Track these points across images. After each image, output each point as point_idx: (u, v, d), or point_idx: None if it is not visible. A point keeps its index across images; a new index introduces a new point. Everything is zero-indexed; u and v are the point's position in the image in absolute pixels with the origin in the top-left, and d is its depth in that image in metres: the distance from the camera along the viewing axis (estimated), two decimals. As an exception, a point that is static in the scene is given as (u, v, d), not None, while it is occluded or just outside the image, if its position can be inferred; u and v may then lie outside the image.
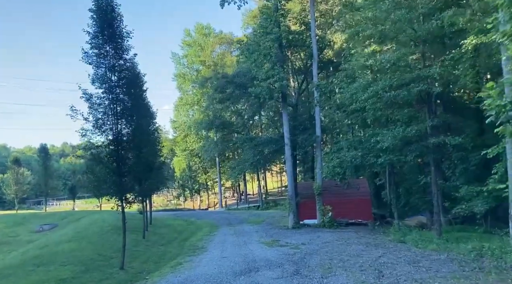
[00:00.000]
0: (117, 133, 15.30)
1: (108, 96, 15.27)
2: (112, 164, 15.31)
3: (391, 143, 17.13)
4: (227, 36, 61.41)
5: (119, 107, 15.53)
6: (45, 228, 37.24)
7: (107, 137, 15.33)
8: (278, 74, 24.23)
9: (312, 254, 14.89)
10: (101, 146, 15.34)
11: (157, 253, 18.97)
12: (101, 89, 15.15)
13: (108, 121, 15.21)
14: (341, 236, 20.23)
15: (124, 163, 15.65)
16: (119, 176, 15.19)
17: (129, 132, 16.03)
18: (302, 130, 27.48)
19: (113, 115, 15.28)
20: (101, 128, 15.22)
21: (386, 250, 15.06)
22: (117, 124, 15.40)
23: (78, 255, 16.83)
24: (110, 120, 15.22)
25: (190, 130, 63.18)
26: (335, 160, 22.16)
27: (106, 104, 15.25)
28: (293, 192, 25.77)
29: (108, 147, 15.33)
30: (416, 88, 15.67)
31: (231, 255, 15.63)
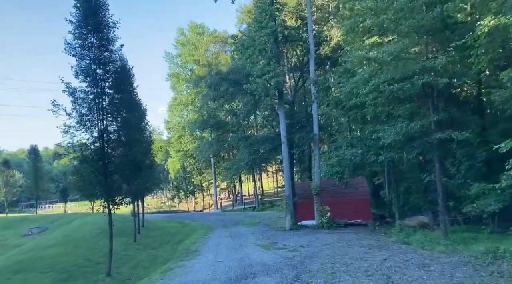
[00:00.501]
0: (102, 129, 14.30)
1: (93, 90, 14.26)
2: (98, 163, 14.29)
3: (393, 139, 16.23)
4: (221, 35, 60.50)
5: (105, 102, 14.50)
6: (34, 232, 36.08)
7: (92, 134, 14.34)
8: (274, 70, 23.32)
9: (312, 257, 13.96)
10: (86, 143, 14.31)
11: (148, 258, 17.98)
12: (85, 83, 14.12)
13: (93, 117, 14.18)
14: (341, 237, 19.34)
15: (111, 162, 14.65)
16: (105, 176, 14.18)
17: (116, 128, 15.01)
18: (299, 128, 26.56)
19: (99, 110, 14.27)
20: (86, 125, 14.19)
21: (390, 252, 14.17)
22: (103, 120, 14.38)
23: (62, 261, 15.80)
24: (95, 115, 14.19)
25: (185, 131, 62.24)
26: (334, 159, 21.27)
27: (91, 98, 14.23)
28: (290, 192, 24.84)
29: (93, 144, 14.33)
30: (421, 80, 14.78)
31: (226, 259, 14.67)
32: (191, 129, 54.17)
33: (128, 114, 18.24)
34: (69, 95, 13.91)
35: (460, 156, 18.10)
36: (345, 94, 20.23)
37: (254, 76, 24.26)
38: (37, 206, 75.37)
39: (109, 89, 14.92)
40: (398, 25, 16.54)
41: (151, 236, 26.37)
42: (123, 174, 16.11)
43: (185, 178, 64.75)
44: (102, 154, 14.28)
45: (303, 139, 25.58)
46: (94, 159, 14.34)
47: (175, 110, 66.74)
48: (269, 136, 27.85)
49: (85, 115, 14.14)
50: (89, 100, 14.23)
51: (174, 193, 69.49)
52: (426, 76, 14.91)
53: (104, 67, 14.59)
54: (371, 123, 21.33)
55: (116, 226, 29.11)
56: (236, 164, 32.94)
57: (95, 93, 14.27)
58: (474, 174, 17.69)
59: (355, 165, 23.51)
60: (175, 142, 67.55)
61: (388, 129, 16.72)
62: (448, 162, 19.94)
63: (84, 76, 14.18)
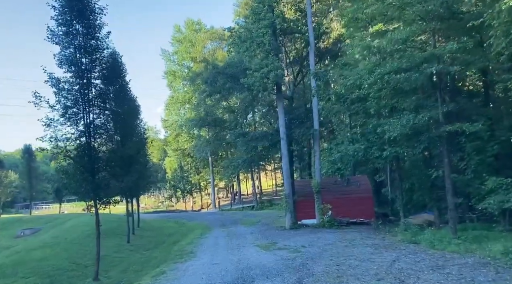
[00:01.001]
0: (89, 123, 13.28)
1: (78, 80, 13.24)
2: (83, 158, 13.29)
3: (400, 132, 15.28)
4: (218, 31, 59.42)
5: (92, 93, 13.49)
6: (26, 233, 34.95)
7: (77, 128, 13.33)
8: (272, 63, 22.37)
9: (315, 258, 13.03)
10: (71, 138, 13.30)
11: (141, 260, 16.98)
12: (70, 73, 13.11)
13: (79, 110, 13.18)
14: (343, 236, 18.42)
15: (98, 158, 13.64)
16: (92, 172, 13.18)
17: (103, 122, 14.00)
18: (299, 124, 25.64)
19: (84, 102, 13.25)
20: (71, 118, 13.19)
21: (399, 252, 13.25)
22: (89, 112, 13.38)
23: (47, 264, 14.80)
24: (81, 108, 13.19)
25: (182, 129, 61.23)
26: (336, 155, 20.31)
27: (76, 89, 13.22)
28: (290, 190, 23.89)
29: (79, 139, 13.33)
30: (430, 69, 13.83)
31: (223, 261, 13.72)
32: (188, 127, 53.13)
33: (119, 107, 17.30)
34: (52, 86, 12.91)
35: (470, 150, 17.15)
36: (347, 86, 19.28)
37: (251, 70, 23.31)
38: (32, 207, 74.14)
39: (96, 80, 13.91)
40: (404, 12, 15.62)
41: (146, 236, 25.40)
42: (112, 171, 15.09)
43: (183, 177, 63.71)
44: (89, 149, 13.30)
45: (303, 135, 24.67)
46: (79, 155, 13.37)
47: (172, 108, 65.71)
48: (267, 133, 26.89)
49: (69, 108, 13.15)
50: (74, 92, 13.24)
51: (171, 193, 68.41)
52: (436, 64, 13.94)
53: (90, 56, 13.60)
54: (374, 117, 20.42)
55: (110, 227, 28.28)
56: (234, 162, 32.01)
57: (80, 84, 13.28)
58: (485, 168, 16.74)
59: (357, 161, 22.64)
60: (172, 141, 66.56)
61: (394, 122, 15.79)
62: (456, 157, 19.04)
63: (68, 65, 13.19)
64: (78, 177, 13.27)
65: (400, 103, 18.76)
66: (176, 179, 64.12)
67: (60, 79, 13.06)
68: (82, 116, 13.28)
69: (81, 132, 13.33)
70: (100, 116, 13.99)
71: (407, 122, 15.10)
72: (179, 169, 64.22)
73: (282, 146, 23.90)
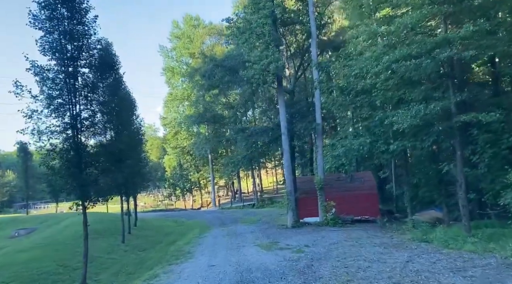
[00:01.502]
0: (75, 115, 12.29)
1: (63, 68, 12.24)
2: (69, 153, 12.30)
3: (410, 123, 14.29)
4: (217, 27, 58.29)
5: (78, 83, 12.49)
6: (21, 233, 34.02)
7: (62, 120, 12.34)
8: (273, 55, 21.37)
9: (321, 259, 12.07)
10: (56, 131, 12.31)
11: (135, 261, 16.04)
12: (54, 61, 12.11)
13: (64, 100, 12.18)
14: (349, 235, 17.46)
15: (85, 152, 12.65)
16: (79, 168, 12.20)
17: (91, 114, 13.01)
18: (300, 118, 24.68)
19: (70, 93, 12.25)
20: (56, 109, 12.19)
21: (410, 252, 12.30)
22: (76, 104, 12.38)
23: (33, 267, 13.85)
24: (67, 98, 12.19)
25: (181, 127, 60.25)
26: (340, 149, 19.33)
27: (61, 78, 12.22)
28: (292, 187, 22.92)
29: (64, 132, 12.34)
30: (442, 55, 12.82)
31: (221, 262, 12.76)
32: (188, 124, 52.11)
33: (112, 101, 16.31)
34: (34, 75, 11.94)
35: (483, 142, 16.15)
36: (352, 77, 18.31)
37: (251, 62, 22.33)
38: (31, 207, 73.21)
39: (84, 68, 12.91)
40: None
41: (142, 236, 24.46)
42: (100, 166, 14.06)
43: (182, 176, 62.71)
44: (75, 143, 12.33)
45: (305, 129, 23.70)
46: (65, 149, 12.40)
47: (170, 105, 64.68)
48: (268, 128, 25.90)
49: (54, 98, 12.17)
50: (59, 81, 12.26)
51: (170, 191, 67.44)
52: (449, 50, 12.94)
53: (77, 42, 12.61)
54: (380, 110, 19.43)
55: (106, 226, 27.35)
56: (233, 159, 31.07)
57: (65, 72, 12.30)
58: (499, 162, 15.76)
59: (362, 156, 21.67)
60: (171, 138, 65.57)
61: (403, 113, 14.79)
62: (467, 151, 18.06)
63: (52, 52, 12.21)
64: (64, 173, 12.32)
65: (407, 94, 17.77)
66: (175, 178, 63.12)
67: (44, 67, 12.07)
68: (68, 108, 12.30)
69: (67, 125, 12.35)
70: (87, 108, 13.01)
71: (417, 112, 14.11)
72: (178, 167, 63.21)
73: (283, 141, 22.92)
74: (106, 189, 14.47)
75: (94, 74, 13.38)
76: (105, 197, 15.13)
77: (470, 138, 17.33)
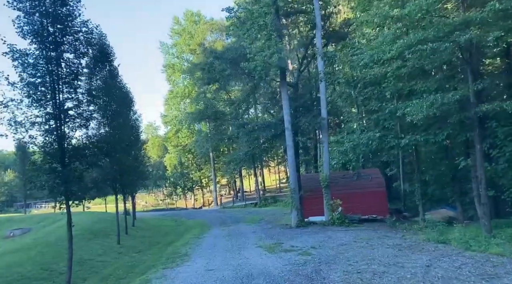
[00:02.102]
0: (58, 104, 11.15)
1: (44, 53, 11.09)
2: (51, 146, 11.16)
3: (425, 114, 13.10)
4: (218, 23, 57.20)
5: (62, 69, 11.35)
6: (16, 233, 33.04)
7: (44, 110, 11.21)
8: (276, 45, 20.18)
9: (330, 263, 10.92)
10: (37, 122, 11.18)
11: (128, 264, 14.91)
12: (35, 44, 10.97)
13: (46, 88, 11.04)
14: (357, 235, 16.29)
15: (69, 145, 11.51)
16: (62, 162, 11.07)
17: (76, 104, 11.85)
18: (305, 112, 23.49)
19: (53, 80, 11.11)
20: (39, 100, 11.05)
21: (429, 254, 11.13)
22: (60, 92, 11.24)
23: (14, 272, 12.71)
24: (49, 87, 11.06)
25: (182, 124, 59.14)
26: (347, 144, 18.18)
27: (43, 64, 11.08)
28: (296, 184, 21.72)
29: (46, 123, 11.21)
30: (463, 37, 11.62)
31: (220, 266, 11.62)
32: (189, 121, 50.96)
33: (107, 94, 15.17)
34: (13, 60, 10.82)
35: (502, 135, 14.98)
36: (361, 66, 17.15)
37: (252, 55, 21.17)
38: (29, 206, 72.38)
39: (68, 53, 11.76)
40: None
41: (139, 236, 23.38)
42: (86, 161, 12.85)
43: (183, 174, 61.61)
44: (58, 135, 11.21)
45: (310, 124, 22.47)
46: (47, 142, 11.27)
47: (171, 103, 63.54)
48: (271, 122, 24.68)
49: (35, 86, 11.05)
50: (41, 67, 11.14)
51: (171, 190, 66.37)
52: (470, 32, 11.75)
53: (60, 24, 11.48)
54: (390, 102, 18.26)
55: (102, 226, 26.27)
56: (235, 155, 29.91)
57: (47, 58, 11.17)
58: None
59: (371, 151, 20.50)
60: (172, 137, 64.48)
61: (417, 103, 13.61)
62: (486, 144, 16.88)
63: (33, 35, 11.10)
64: (46, 168, 11.19)
65: (418, 85, 16.58)
66: (176, 176, 62.05)
67: (23, 51, 10.95)
68: (51, 96, 11.17)
69: (49, 115, 11.23)
70: (72, 97, 11.87)
71: (434, 101, 12.92)
72: (179, 165, 62.11)
73: (287, 136, 21.73)
74: (93, 186, 13.23)
75: (80, 59, 12.19)
76: (92, 195, 13.98)
77: (488, 132, 16.16)
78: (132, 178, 22.94)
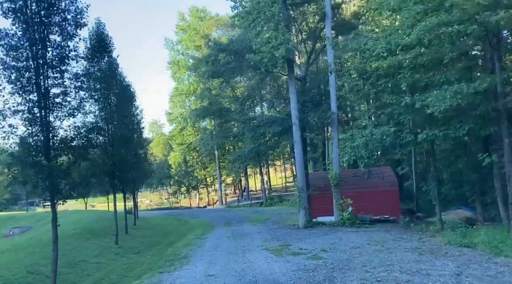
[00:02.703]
0: (44, 90, 10.10)
1: (27, 34, 10.05)
2: (34, 137, 10.11)
3: (450, 104, 11.90)
4: (223, 18, 56.09)
5: (48, 53, 10.29)
6: (15, 232, 32.20)
7: (27, 97, 10.16)
8: (283, 35, 19.04)
9: (344, 269, 9.79)
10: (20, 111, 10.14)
11: (123, 266, 13.86)
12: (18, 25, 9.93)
13: (30, 73, 9.99)
14: (370, 237, 15.15)
15: (55, 136, 10.45)
16: (47, 155, 10.02)
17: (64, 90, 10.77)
18: (313, 107, 22.35)
19: (38, 64, 10.06)
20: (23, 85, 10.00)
21: (455, 260, 9.95)
22: (45, 78, 10.18)
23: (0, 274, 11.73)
24: (33, 71, 10.01)
25: (187, 122, 58.17)
26: (360, 139, 16.98)
27: (26, 46, 10.04)
28: (304, 182, 20.57)
29: (30, 112, 10.17)
30: (494, 17, 10.41)
31: (221, 271, 10.53)
32: (193, 118, 49.95)
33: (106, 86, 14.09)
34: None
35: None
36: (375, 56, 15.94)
37: (258, 46, 20.07)
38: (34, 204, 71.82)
39: (55, 35, 10.69)
40: None
41: (139, 236, 22.40)
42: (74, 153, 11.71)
43: (187, 173, 60.67)
44: (42, 125, 10.17)
45: (319, 119, 21.33)
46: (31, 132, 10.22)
47: (176, 100, 62.55)
48: (277, 118, 23.56)
49: (17, 70, 10.02)
50: (24, 50, 10.10)
51: (175, 188, 65.46)
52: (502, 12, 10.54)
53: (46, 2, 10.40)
54: (406, 95, 17.04)
55: (102, 225, 25.27)
56: (240, 153, 28.83)
57: (32, 39, 10.14)
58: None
59: (384, 147, 19.29)
60: (177, 134, 63.58)
61: (438, 93, 12.42)
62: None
63: (15, 14, 10.06)
64: (29, 161, 10.14)
65: (437, 76, 15.34)
66: (180, 174, 61.13)
67: (4, 32, 9.91)
68: (36, 82, 10.13)
69: (33, 103, 10.19)
70: (59, 82, 10.81)
71: (459, 89, 11.71)
72: (183, 163, 61.19)
73: (294, 132, 20.58)
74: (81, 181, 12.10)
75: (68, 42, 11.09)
76: (81, 192, 12.94)
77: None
78: (132, 175, 21.92)
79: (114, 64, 20.53)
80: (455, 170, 21.63)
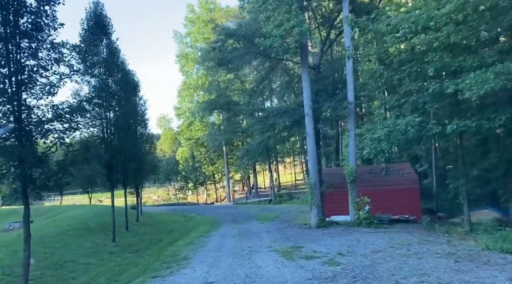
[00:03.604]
0: (16, 63, 8.61)
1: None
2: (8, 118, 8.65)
3: (492, 87, 10.18)
4: (233, 9, 54.58)
5: (21, 19, 8.81)
6: (16, 226, 31.09)
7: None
8: (296, 17, 17.38)
9: (367, 278, 8.19)
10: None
11: (115, 268, 12.42)
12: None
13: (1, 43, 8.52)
14: (392, 239, 13.49)
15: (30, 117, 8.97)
16: (19, 140, 8.55)
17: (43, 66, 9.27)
18: (327, 96, 20.68)
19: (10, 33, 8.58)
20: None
21: (503, 270, 8.31)
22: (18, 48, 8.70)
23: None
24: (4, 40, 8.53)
25: (195, 116, 56.88)
26: (382, 130, 15.29)
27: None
28: (317, 178, 18.91)
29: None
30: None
31: (223, 277, 9.01)
32: (201, 111, 48.59)
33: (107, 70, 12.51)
34: None
35: None
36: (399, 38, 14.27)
37: (269, 29, 18.44)
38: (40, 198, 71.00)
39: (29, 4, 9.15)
40: None
41: (141, 233, 21.04)
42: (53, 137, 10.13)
43: (195, 168, 59.39)
44: (13, 104, 8.66)
45: (334, 110, 19.67)
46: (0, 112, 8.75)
47: (184, 94, 61.32)
48: (288, 108, 21.92)
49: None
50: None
51: (182, 184, 64.27)
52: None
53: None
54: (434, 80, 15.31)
55: (102, 221, 23.92)
56: (249, 147, 27.26)
57: (2, 3, 8.62)
58: None
59: (407, 140, 17.55)
60: (185, 129, 62.43)
61: (477, 75, 10.71)
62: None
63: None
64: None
65: (470, 60, 13.60)
66: (187, 170, 59.89)
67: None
68: (6, 54, 8.66)
69: (3, 77, 8.68)
70: (33, 53, 9.32)
71: (502, 71, 9.99)
72: (191, 159, 59.93)
73: (307, 123, 18.90)
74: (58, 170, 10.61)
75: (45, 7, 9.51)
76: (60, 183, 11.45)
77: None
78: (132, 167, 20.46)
79: (114, 47, 19.15)
80: (481, 167, 19.83)
